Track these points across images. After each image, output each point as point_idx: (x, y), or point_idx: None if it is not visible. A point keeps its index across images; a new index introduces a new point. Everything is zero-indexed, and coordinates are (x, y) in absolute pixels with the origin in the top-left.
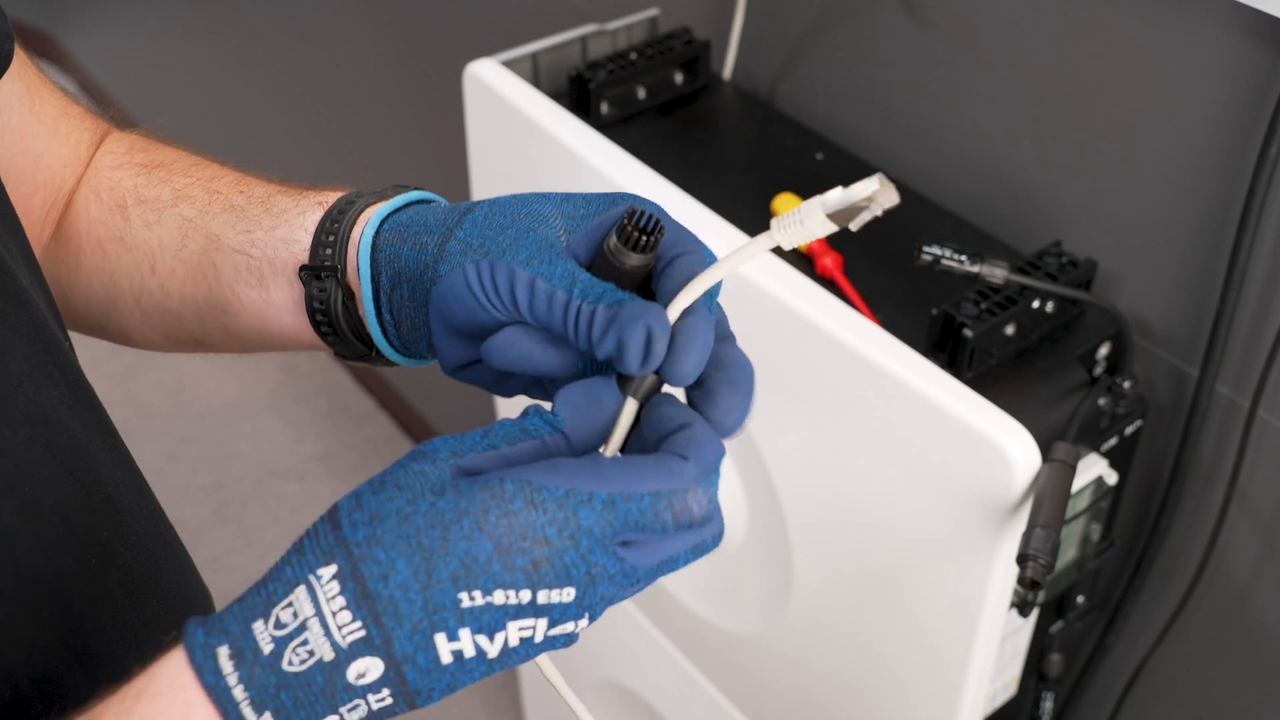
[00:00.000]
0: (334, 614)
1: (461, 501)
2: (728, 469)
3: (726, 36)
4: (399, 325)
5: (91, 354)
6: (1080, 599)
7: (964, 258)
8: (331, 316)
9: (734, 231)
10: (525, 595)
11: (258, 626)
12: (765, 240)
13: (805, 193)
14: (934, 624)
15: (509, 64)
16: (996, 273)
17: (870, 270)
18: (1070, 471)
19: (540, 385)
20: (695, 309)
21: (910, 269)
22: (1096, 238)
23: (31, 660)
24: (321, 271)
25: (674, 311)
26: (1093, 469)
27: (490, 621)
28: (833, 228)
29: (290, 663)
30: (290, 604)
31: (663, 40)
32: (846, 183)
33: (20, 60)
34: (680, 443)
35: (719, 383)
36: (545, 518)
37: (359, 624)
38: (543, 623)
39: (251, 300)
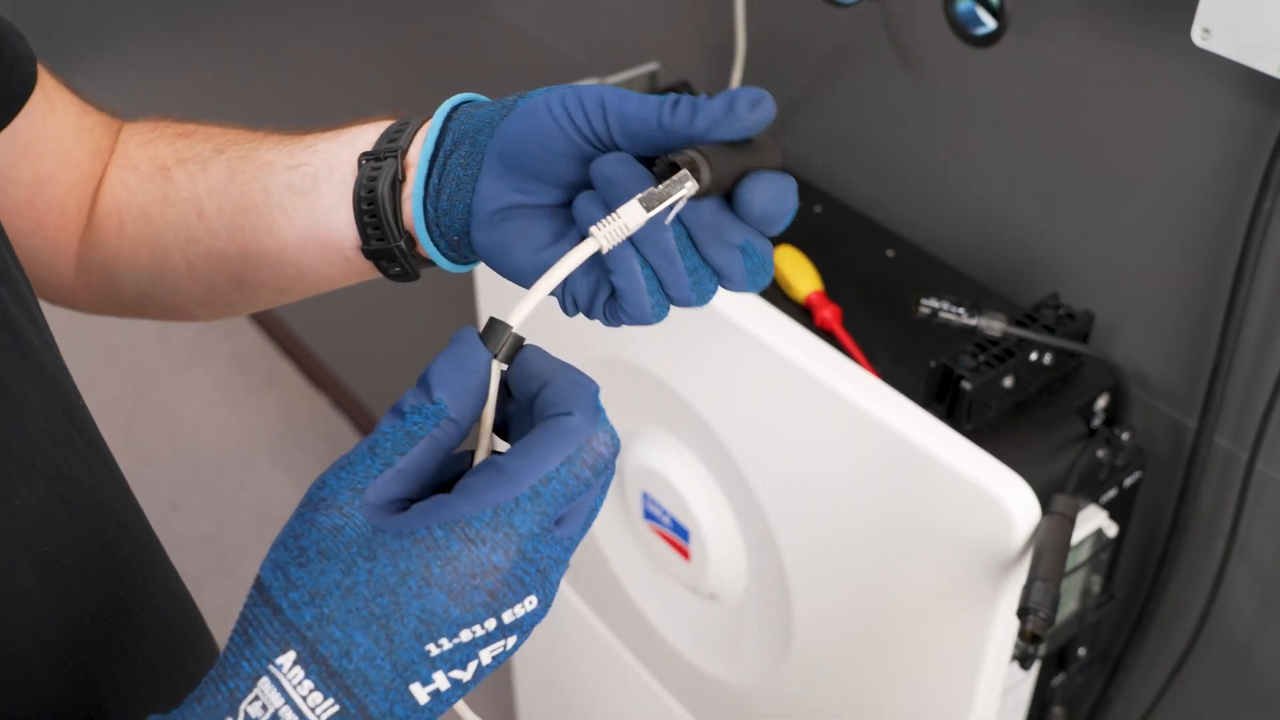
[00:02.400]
0: (304, 697)
1: (399, 562)
2: (729, 519)
3: (726, 90)
4: (440, 193)
5: (93, 400)
6: (1081, 651)
7: (962, 310)
8: (375, 194)
9: None
10: (491, 623)
11: None
12: (590, 245)
13: (804, 245)
14: (935, 677)
15: None
16: (994, 325)
17: (869, 322)
18: (1070, 524)
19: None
20: (784, 174)
21: (909, 321)
22: (1093, 290)
23: None
24: (383, 154)
25: (515, 319)
26: (1092, 521)
27: (462, 657)
28: (645, 219)
29: None
30: (257, 697)
31: (662, 94)
32: (843, 236)
33: (39, 69)
34: (552, 402)
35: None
36: (486, 547)
37: (331, 700)
38: (513, 639)
39: (299, 209)
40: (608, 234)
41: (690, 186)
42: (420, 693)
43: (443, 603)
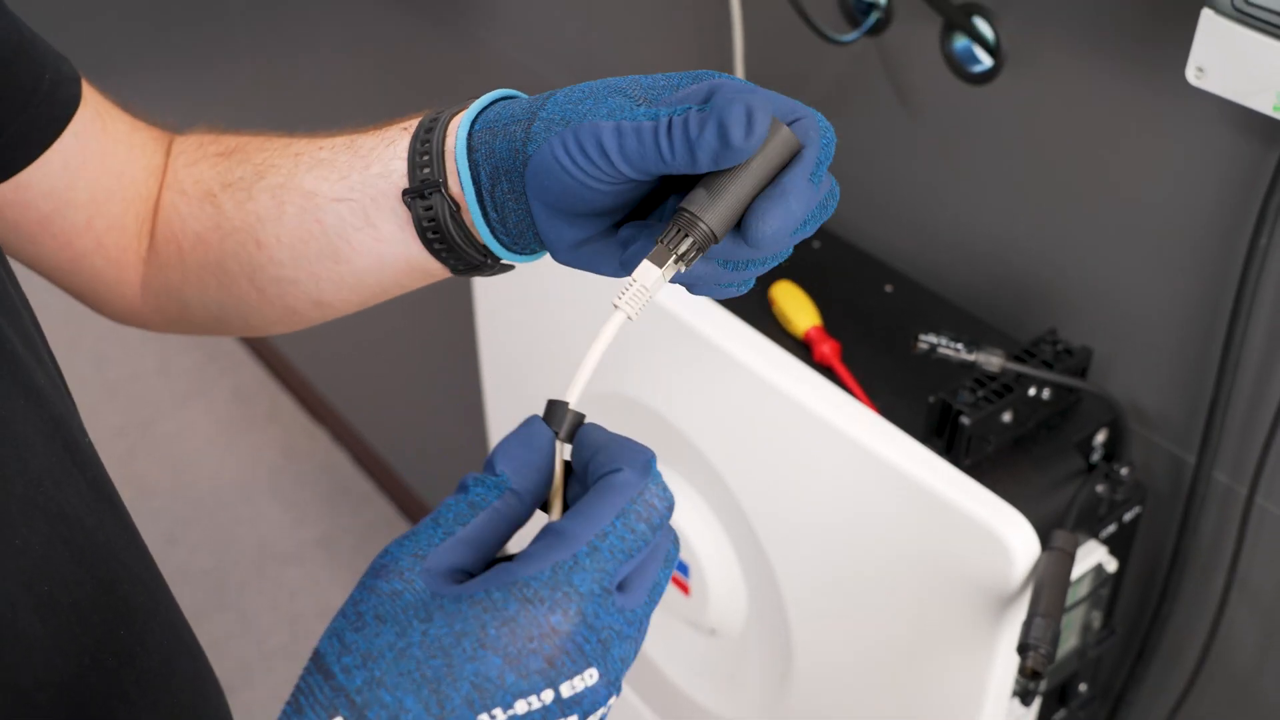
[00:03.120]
0: None
1: (455, 623)
2: (728, 555)
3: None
4: (505, 221)
5: (93, 434)
6: (1083, 687)
7: (960, 346)
8: (442, 231)
9: (732, 319)
10: (548, 695)
11: None
12: (619, 317)
13: (803, 280)
14: (936, 713)
15: None
16: (992, 360)
17: (867, 357)
18: (1069, 559)
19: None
20: (794, 180)
21: (907, 356)
22: (1091, 325)
23: None
24: (424, 189)
25: (571, 397)
26: (1092, 556)
27: None
28: (664, 282)
29: None
30: None
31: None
32: (842, 271)
33: (85, 87)
34: (603, 463)
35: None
36: (545, 607)
37: None
38: (574, 719)
39: (362, 242)
40: (630, 301)
41: (691, 241)
42: None
43: (498, 667)
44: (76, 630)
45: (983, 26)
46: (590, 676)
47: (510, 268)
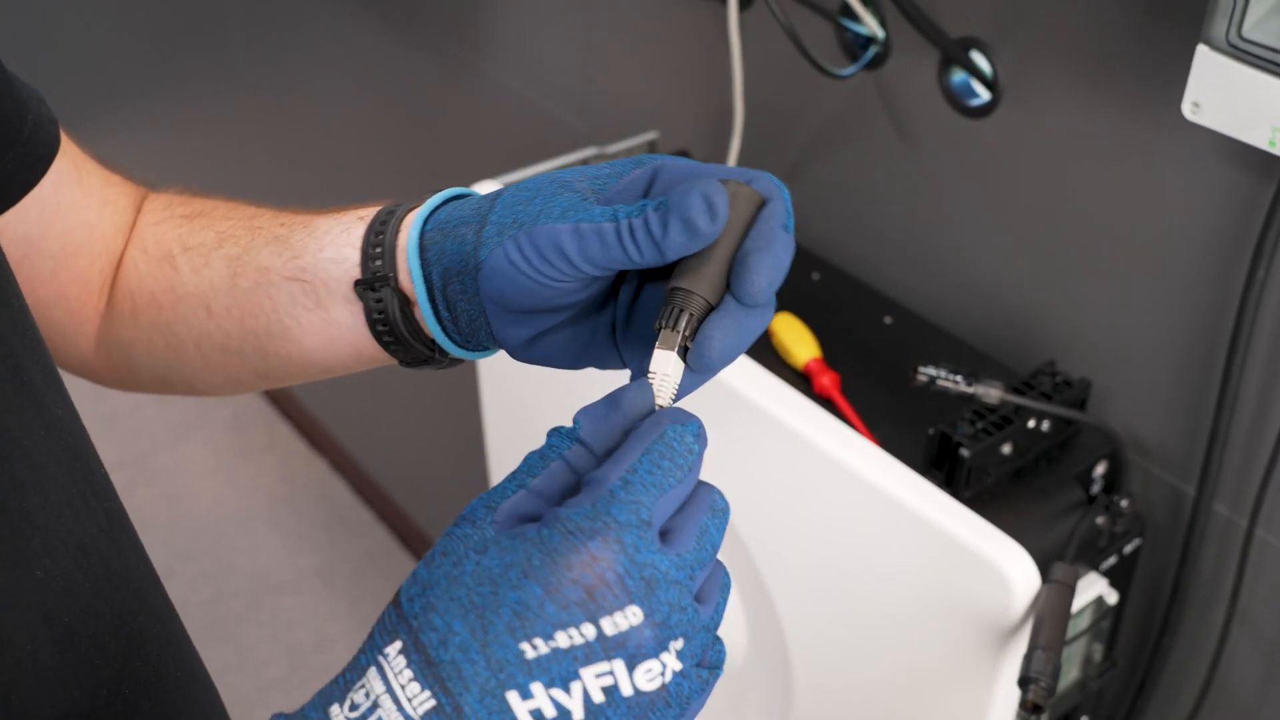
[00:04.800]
0: (403, 687)
1: (505, 555)
2: None
3: (724, 159)
4: (457, 320)
5: None
6: None
7: (959, 378)
8: (391, 324)
9: None
10: (589, 630)
11: (334, 710)
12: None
13: (802, 312)
14: None
15: None
16: (991, 393)
17: (867, 389)
18: (1070, 592)
19: (615, 352)
20: (773, 230)
21: (907, 388)
22: (1090, 357)
23: None
24: (375, 282)
25: None
26: (1093, 588)
27: (561, 671)
28: (683, 364)
29: None
30: (363, 685)
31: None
32: (841, 303)
33: (62, 136)
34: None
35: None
36: (584, 536)
37: (428, 694)
38: (620, 665)
39: (313, 323)
40: (661, 390)
41: (689, 314)
42: (519, 707)
43: (538, 596)
44: (95, 662)
45: (980, 61)
46: (633, 615)
47: (460, 362)
